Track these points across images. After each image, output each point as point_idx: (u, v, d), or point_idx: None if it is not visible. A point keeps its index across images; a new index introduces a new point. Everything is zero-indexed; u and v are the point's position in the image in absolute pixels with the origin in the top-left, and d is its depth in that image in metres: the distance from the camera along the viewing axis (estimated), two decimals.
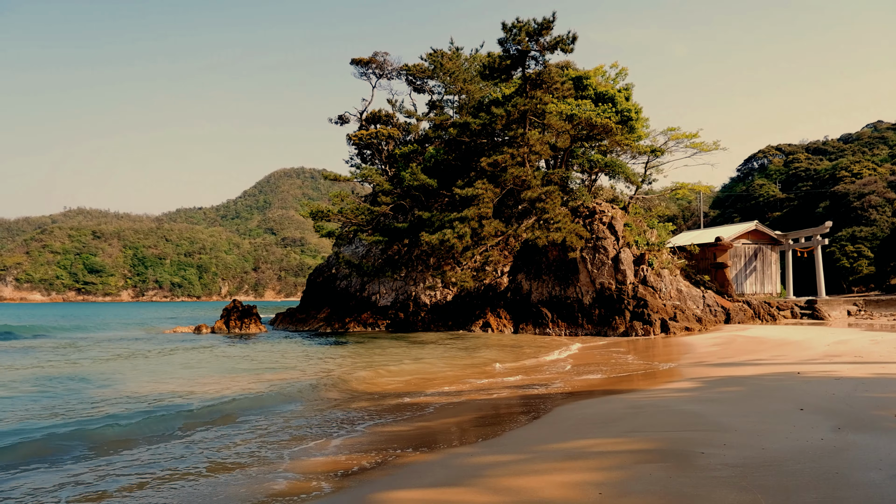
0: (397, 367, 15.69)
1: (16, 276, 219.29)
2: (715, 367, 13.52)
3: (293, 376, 14.27)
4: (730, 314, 30.96)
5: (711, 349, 17.80)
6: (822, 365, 12.83)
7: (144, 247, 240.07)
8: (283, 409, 10.21)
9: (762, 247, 35.60)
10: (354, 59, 43.13)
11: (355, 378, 13.71)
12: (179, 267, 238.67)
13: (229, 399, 10.95)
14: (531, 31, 26.33)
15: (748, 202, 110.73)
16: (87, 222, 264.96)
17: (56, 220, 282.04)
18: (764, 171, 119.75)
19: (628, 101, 33.58)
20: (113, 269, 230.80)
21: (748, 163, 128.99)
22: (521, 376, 13.69)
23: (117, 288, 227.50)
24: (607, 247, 30.99)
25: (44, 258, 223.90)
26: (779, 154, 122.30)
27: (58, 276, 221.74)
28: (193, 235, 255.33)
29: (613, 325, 29.08)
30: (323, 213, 33.14)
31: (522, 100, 26.79)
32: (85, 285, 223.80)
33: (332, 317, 37.50)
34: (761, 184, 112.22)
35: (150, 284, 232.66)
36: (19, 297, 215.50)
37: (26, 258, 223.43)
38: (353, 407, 10.36)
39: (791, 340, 18.62)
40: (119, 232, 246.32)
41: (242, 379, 13.87)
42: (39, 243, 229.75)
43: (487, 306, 33.38)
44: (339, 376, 14.01)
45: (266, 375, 14.51)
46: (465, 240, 24.27)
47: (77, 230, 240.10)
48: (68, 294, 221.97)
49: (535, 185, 26.19)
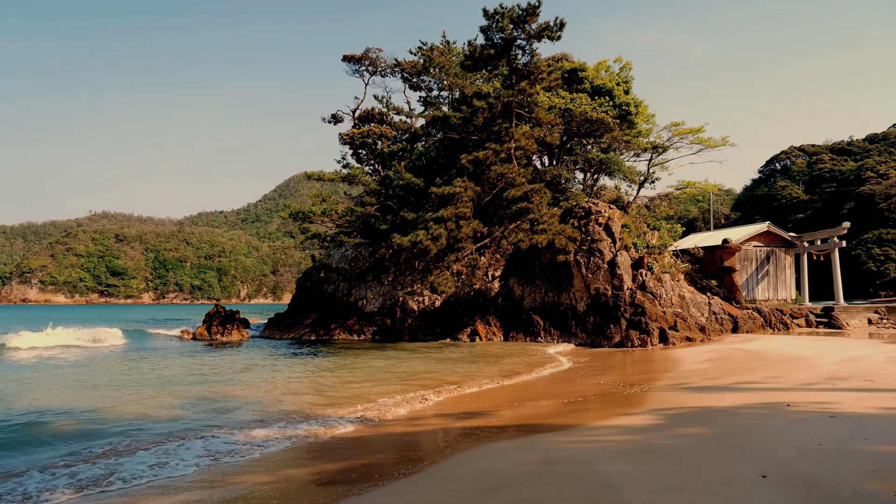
0: (344, 386, 13.80)
1: (41, 279, 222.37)
2: (693, 393, 11.38)
3: (204, 394, 12.44)
4: (737, 322, 28.52)
5: (702, 366, 15.60)
6: (822, 392, 10.63)
7: (165, 250, 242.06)
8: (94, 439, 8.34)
9: (775, 249, 33.04)
10: (346, 56, 41.43)
11: (275, 399, 11.84)
12: (199, 270, 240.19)
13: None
14: (515, 18, 24.30)
15: (770, 204, 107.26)
16: (111, 226, 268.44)
17: (81, 223, 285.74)
18: (787, 172, 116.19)
19: (627, 95, 31.34)
20: (135, 271, 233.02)
21: (770, 164, 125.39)
22: (467, 401, 11.71)
23: (139, 290, 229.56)
24: (603, 250, 28.77)
25: (68, 261, 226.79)
26: (802, 155, 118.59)
27: (81, 278, 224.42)
28: (213, 239, 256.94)
29: (608, 334, 26.85)
30: (305, 214, 31.38)
31: (507, 91, 24.76)
32: (107, 287, 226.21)
33: (317, 323, 35.75)
34: (784, 185, 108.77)
35: (170, 287, 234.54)
36: (44, 298, 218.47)
37: (51, 261, 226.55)
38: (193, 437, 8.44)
39: (795, 356, 16.33)
40: (141, 235, 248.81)
41: (147, 396, 12.09)
42: (64, 246, 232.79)
43: (477, 313, 31.34)
44: (257, 398, 12.15)
45: (185, 390, 12.72)
46: (441, 242, 22.28)
47: (101, 233, 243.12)
48: (91, 296, 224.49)
49: (521, 184, 24.12)
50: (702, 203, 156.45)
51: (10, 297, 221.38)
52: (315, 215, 31.77)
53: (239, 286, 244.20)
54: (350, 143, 41.06)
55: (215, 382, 14.63)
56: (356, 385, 13.84)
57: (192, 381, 14.98)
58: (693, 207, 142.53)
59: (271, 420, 10.04)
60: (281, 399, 12.18)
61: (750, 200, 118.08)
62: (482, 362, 18.92)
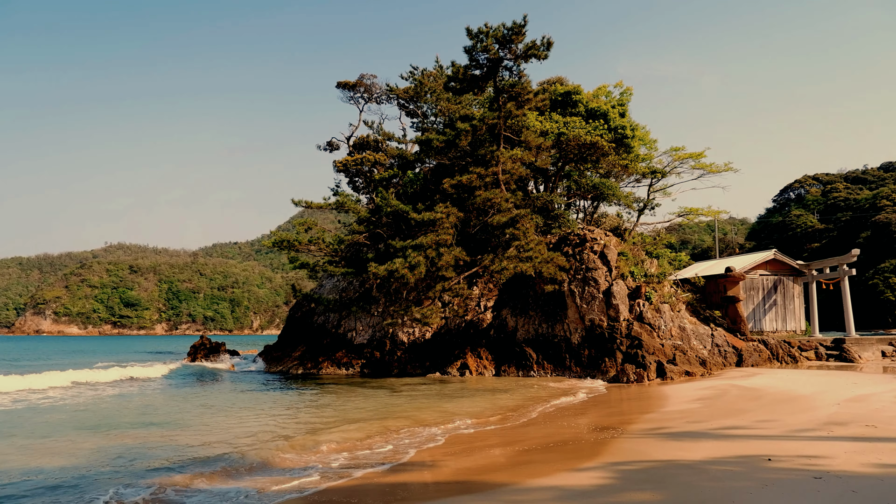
0: (294, 434, 12.55)
1: (55, 310, 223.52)
2: (666, 441, 9.97)
3: (131, 441, 11.22)
4: (742, 355, 26.85)
5: (690, 406, 14.12)
6: (813, 442, 9.20)
7: (179, 281, 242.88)
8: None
9: (783, 278, 31.43)
10: (340, 83, 40.96)
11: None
12: (212, 301, 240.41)
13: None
14: (500, 38, 23.42)
15: (785, 233, 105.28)
16: (125, 257, 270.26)
17: (97, 255, 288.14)
18: (801, 201, 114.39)
19: (623, 118, 30.26)
20: (148, 302, 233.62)
21: (784, 193, 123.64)
22: (416, 449, 10.40)
23: (152, 321, 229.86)
24: (598, 279, 27.39)
25: (82, 292, 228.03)
26: (816, 184, 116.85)
27: (94, 309, 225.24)
28: (227, 270, 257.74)
29: (603, 368, 25.33)
30: (290, 242, 30.36)
31: (492, 114, 23.78)
32: (120, 319, 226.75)
33: (305, 356, 34.47)
34: (799, 214, 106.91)
35: (183, 318, 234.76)
36: (57, 329, 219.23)
37: (65, 292, 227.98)
38: None
39: (794, 395, 14.79)
40: (155, 266, 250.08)
41: (63, 442, 10.88)
42: (78, 277, 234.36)
43: (468, 345, 29.93)
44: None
45: (118, 435, 11.52)
46: (419, 271, 21.07)
47: (115, 265, 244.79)
48: (104, 327, 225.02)
49: (508, 209, 22.96)
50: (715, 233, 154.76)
51: (24, 328, 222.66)
52: (301, 244, 30.74)
53: (252, 317, 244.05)
54: (344, 170, 40.32)
55: (159, 425, 13.39)
56: (324, 435, 12.56)
57: (131, 423, 13.76)
58: (707, 237, 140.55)
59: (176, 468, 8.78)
60: (207, 443, 10.93)
61: (764, 229, 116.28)
62: (467, 400, 17.54)
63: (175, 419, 14.22)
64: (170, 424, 13.40)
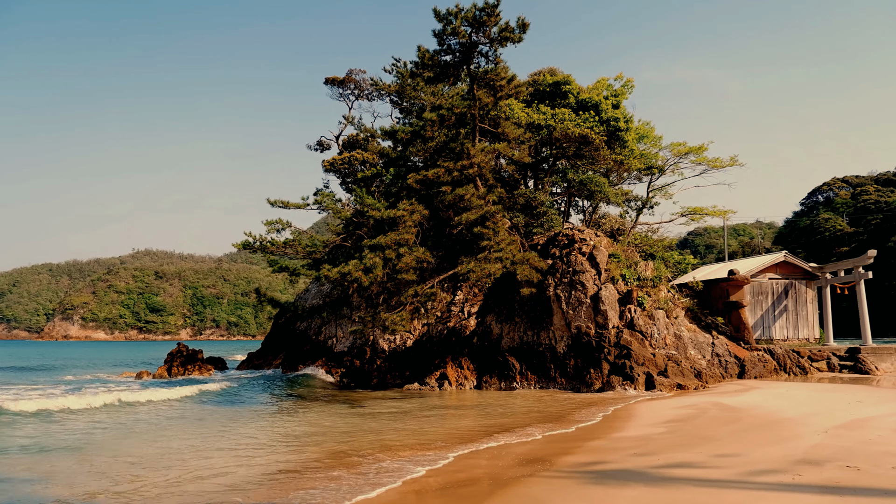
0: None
1: (82, 315, 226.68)
2: (587, 484, 7.91)
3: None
4: (745, 366, 24.39)
5: (651, 431, 11.97)
6: (770, 492, 7.07)
7: (203, 286, 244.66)
8: None
9: (794, 282, 28.84)
10: (328, 79, 39.40)
11: None
12: (236, 306, 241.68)
13: None
14: (471, 20, 21.49)
15: (813, 237, 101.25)
16: (151, 263, 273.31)
17: (124, 261, 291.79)
18: (830, 204, 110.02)
19: (616, 110, 28.04)
20: (173, 308, 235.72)
21: (812, 196, 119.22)
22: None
23: (176, 327, 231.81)
24: (585, 282, 25.20)
25: (109, 298, 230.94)
26: (845, 186, 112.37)
27: (121, 315, 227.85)
28: (251, 275, 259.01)
29: (588, 380, 23.14)
30: (262, 244, 28.72)
31: (462, 102, 21.86)
32: (146, 324, 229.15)
33: (285, 364, 32.86)
34: (827, 217, 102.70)
35: (207, 323, 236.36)
36: (84, 335, 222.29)
37: (92, 298, 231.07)
38: None
39: (779, 418, 12.52)
40: (180, 272, 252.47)
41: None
42: (105, 283, 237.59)
43: (449, 354, 27.93)
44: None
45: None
46: (376, 273, 19.20)
47: (141, 271, 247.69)
48: (130, 333, 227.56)
49: (478, 206, 20.98)
50: (742, 237, 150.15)
51: (53, 333, 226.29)
52: (275, 246, 29.07)
53: None
54: (332, 169, 38.74)
55: (59, 450, 11.70)
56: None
57: (24, 448, 12.06)
58: (734, 241, 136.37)
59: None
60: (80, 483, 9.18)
61: (792, 233, 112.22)
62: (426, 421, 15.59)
63: (82, 442, 12.50)
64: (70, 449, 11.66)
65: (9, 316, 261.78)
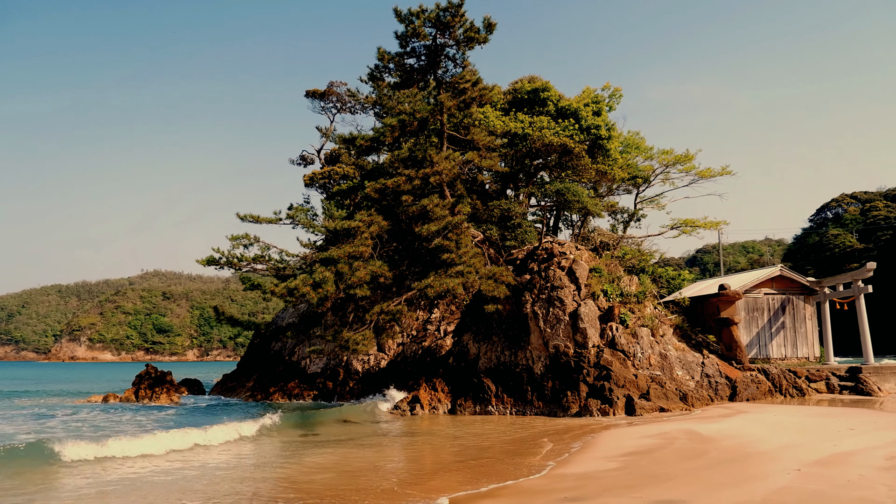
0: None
1: (89, 336, 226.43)
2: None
3: None
4: (736, 387, 22.63)
5: (603, 466, 10.36)
6: None
7: (210, 307, 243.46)
8: None
9: (791, 297, 27.11)
10: (309, 92, 38.34)
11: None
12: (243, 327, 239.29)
13: None
14: (434, 20, 20.28)
15: (823, 253, 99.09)
16: (159, 284, 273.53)
17: (133, 282, 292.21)
18: (839, 220, 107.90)
19: (598, 118, 26.65)
20: (180, 328, 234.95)
21: (821, 212, 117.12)
22: None
23: (183, 347, 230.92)
24: (564, 298, 23.61)
25: (116, 318, 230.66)
26: (854, 202, 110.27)
27: (128, 335, 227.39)
28: (258, 296, 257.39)
29: (565, 404, 21.44)
30: (228, 259, 27.46)
31: (425, 107, 20.55)
32: (153, 345, 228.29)
33: (257, 386, 31.38)
34: (836, 234, 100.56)
35: (214, 344, 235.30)
36: (91, 356, 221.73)
37: (100, 319, 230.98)
38: None
39: (751, 451, 10.87)
40: (187, 293, 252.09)
41: None
42: (113, 304, 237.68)
43: (423, 375, 26.35)
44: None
45: None
46: (326, 288, 17.76)
47: (148, 291, 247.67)
48: (137, 354, 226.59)
49: (440, 217, 19.55)
50: (751, 254, 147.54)
51: (60, 354, 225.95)
52: (243, 261, 27.78)
53: None
54: (311, 184, 37.57)
55: None
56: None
57: None
58: (742, 258, 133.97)
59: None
60: None
61: (801, 250, 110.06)
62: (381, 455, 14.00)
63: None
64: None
65: (17, 337, 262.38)
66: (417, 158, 20.32)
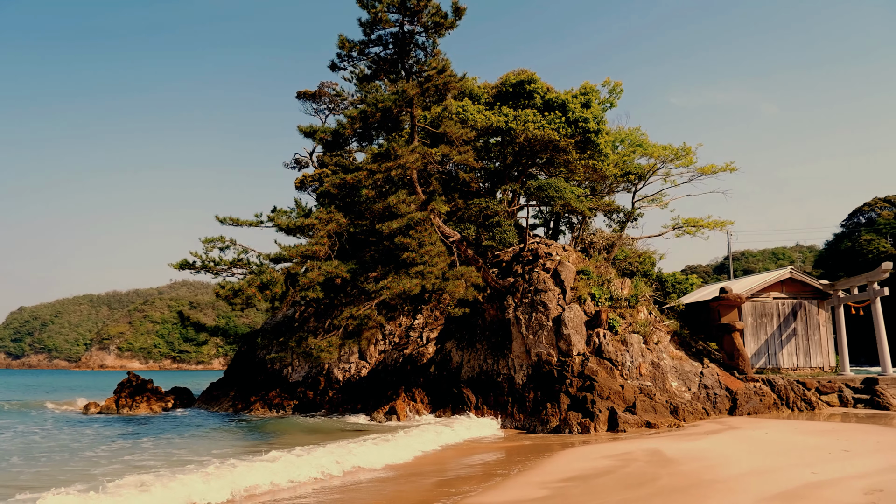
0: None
1: (118, 345, 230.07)
2: None
3: None
4: (737, 400, 20.62)
5: (532, 494, 8.73)
6: None
7: (236, 315, 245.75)
8: None
9: (803, 301, 24.97)
10: (300, 93, 37.32)
11: None
12: None
13: None
14: (399, 5, 18.90)
15: (856, 259, 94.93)
16: (187, 293, 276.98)
17: (161, 291, 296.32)
18: (872, 225, 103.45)
19: (586, 110, 24.95)
20: (205, 337, 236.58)
21: (853, 217, 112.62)
22: None
23: (209, 356, 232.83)
24: (548, 303, 21.91)
25: (144, 328, 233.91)
26: (889, 206, 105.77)
27: (155, 344, 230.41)
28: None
29: (545, 417, 19.67)
30: (204, 263, 26.26)
31: (389, 97, 19.15)
32: (180, 354, 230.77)
33: (238, 396, 30.17)
34: (870, 239, 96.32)
35: None
36: (119, 364, 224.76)
37: (129, 328, 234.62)
38: None
39: (711, 477, 9.12)
40: (213, 302, 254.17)
41: None
42: (141, 314, 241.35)
43: (403, 384, 24.83)
44: None
45: None
46: (275, 290, 16.46)
47: (176, 300, 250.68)
48: (164, 362, 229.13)
49: (404, 213, 18.08)
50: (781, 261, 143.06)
51: (90, 362, 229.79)
52: (220, 265, 26.58)
53: None
54: (302, 187, 36.46)
55: None
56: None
57: None
58: (772, 264, 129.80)
59: None
60: None
61: (833, 256, 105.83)
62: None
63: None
64: None
65: (50, 346, 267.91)
66: (382, 152, 18.92)
